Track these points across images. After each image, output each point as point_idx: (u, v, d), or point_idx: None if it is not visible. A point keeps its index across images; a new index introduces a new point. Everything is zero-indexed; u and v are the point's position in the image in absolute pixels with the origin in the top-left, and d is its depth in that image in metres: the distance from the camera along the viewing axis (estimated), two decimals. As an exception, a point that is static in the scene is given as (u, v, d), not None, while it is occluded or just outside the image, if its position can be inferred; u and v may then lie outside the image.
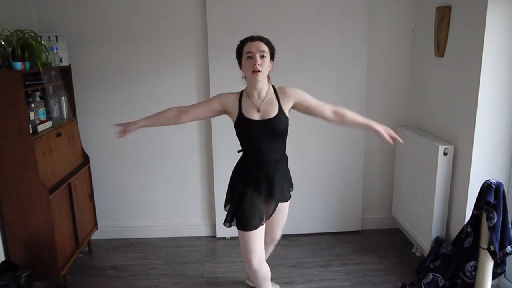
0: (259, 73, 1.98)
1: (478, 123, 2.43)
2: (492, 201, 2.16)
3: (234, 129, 2.15)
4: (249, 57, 2.00)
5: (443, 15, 2.71)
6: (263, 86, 2.07)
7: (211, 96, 3.06)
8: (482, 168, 2.49)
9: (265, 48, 2.01)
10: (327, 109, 2.13)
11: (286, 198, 2.33)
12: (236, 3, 3.01)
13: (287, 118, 2.09)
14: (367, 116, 3.23)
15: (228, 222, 2.21)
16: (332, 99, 3.17)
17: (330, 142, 3.29)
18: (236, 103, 2.09)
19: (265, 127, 2.04)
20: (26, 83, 2.42)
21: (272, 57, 2.07)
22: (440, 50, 2.79)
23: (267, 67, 2.03)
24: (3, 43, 2.42)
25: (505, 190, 2.23)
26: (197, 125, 3.27)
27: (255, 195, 2.12)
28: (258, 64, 1.97)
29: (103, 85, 3.17)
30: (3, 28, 2.51)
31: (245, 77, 2.10)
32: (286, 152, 2.25)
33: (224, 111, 2.16)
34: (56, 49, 2.76)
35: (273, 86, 2.13)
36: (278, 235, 2.50)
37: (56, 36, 2.83)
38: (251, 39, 2.03)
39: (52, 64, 2.74)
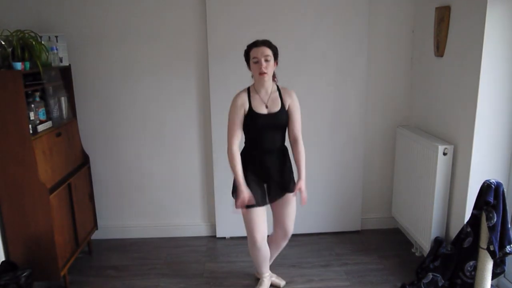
0: (266, 75, 2.27)
1: (478, 123, 2.43)
2: (492, 201, 2.16)
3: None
4: (255, 62, 2.27)
5: (443, 15, 2.72)
6: (269, 84, 2.36)
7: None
8: (482, 168, 2.50)
9: (269, 52, 2.26)
10: (294, 133, 2.42)
11: (288, 189, 2.45)
12: (236, 3, 3.01)
13: (287, 113, 2.39)
14: (366, 116, 3.28)
15: (235, 205, 2.43)
16: (332, 99, 3.22)
17: (330, 142, 3.29)
18: (247, 100, 2.35)
19: (271, 119, 2.34)
20: (26, 83, 2.42)
21: (275, 58, 2.32)
22: (439, 50, 2.79)
23: (272, 68, 2.31)
24: (3, 43, 2.43)
25: (505, 190, 2.23)
26: (197, 125, 3.27)
27: (254, 178, 2.40)
28: (264, 67, 2.25)
29: (103, 85, 3.17)
30: (3, 28, 2.52)
31: (253, 76, 2.36)
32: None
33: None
34: (56, 49, 2.76)
35: (277, 86, 2.40)
36: (289, 227, 2.56)
37: (56, 36, 2.83)
38: (255, 45, 2.28)
39: (52, 64, 2.74)
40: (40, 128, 2.54)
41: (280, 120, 2.36)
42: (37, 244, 2.54)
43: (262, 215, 2.43)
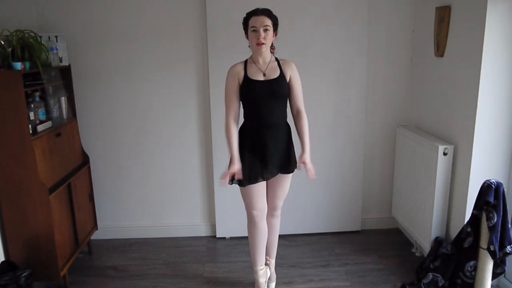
0: (263, 45, 2.23)
1: (478, 123, 2.43)
2: (492, 201, 2.16)
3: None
4: (253, 31, 2.22)
5: (443, 15, 2.72)
6: (267, 55, 2.31)
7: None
8: (482, 168, 2.50)
9: (268, 22, 2.23)
10: (297, 105, 2.38)
11: (286, 170, 2.41)
12: (236, 3, 3.01)
13: (287, 82, 2.33)
14: (367, 116, 3.27)
15: (230, 180, 2.36)
16: (332, 99, 3.22)
17: (330, 142, 3.29)
18: (243, 69, 2.32)
19: (268, 86, 2.27)
20: (26, 83, 2.41)
21: (275, 28, 2.29)
22: (439, 50, 2.79)
23: (270, 39, 2.27)
24: (3, 43, 2.43)
25: (505, 190, 2.23)
26: (197, 125, 3.27)
27: (251, 154, 2.33)
28: (262, 38, 2.21)
29: (103, 85, 3.17)
30: (3, 28, 2.51)
31: (250, 46, 2.32)
32: None
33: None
34: (56, 49, 2.76)
35: (276, 58, 2.37)
36: (278, 205, 2.54)
37: (56, 36, 2.83)
38: (255, 13, 2.25)
39: (52, 64, 2.74)
40: (40, 128, 2.54)
41: (278, 88, 2.28)
42: (37, 244, 2.53)
43: (259, 192, 2.38)
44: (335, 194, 3.38)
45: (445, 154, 2.64)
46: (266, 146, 2.31)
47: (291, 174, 2.46)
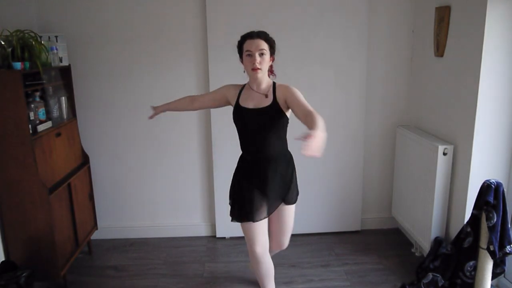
0: (259, 71, 2.06)
1: (478, 123, 2.43)
2: (492, 201, 2.16)
3: (234, 129, 2.23)
4: (248, 55, 2.07)
5: (443, 15, 2.72)
6: (263, 80, 2.13)
7: (210, 88, 3.13)
8: (482, 168, 2.50)
9: (264, 46, 2.06)
10: (305, 111, 1.94)
11: (288, 201, 2.26)
12: (235, 3, 3.01)
13: (281, 111, 2.09)
14: (366, 117, 3.27)
15: (231, 215, 2.28)
16: (332, 99, 3.22)
17: (329, 142, 3.24)
18: (236, 94, 2.19)
19: (258, 116, 2.10)
20: (26, 83, 2.42)
21: (272, 52, 2.13)
22: (439, 50, 2.79)
23: (267, 64, 2.10)
24: (3, 43, 2.43)
25: (505, 190, 2.23)
26: (197, 125, 3.27)
27: (250, 188, 2.18)
28: (258, 63, 2.04)
29: (103, 85, 3.17)
30: (3, 28, 2.51)
31: (245, 71, 2.17)
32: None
33: (227, 102, 2.27)
34: (56, 49, 2.76)
35: (274, 83, 2.17)
36: (284, 243, 2.43)
37: (56, 36, 2.83)
38: (251, 36, 2.08)
39: (52, 64, 2.74)
40: (40, 128, 2.54)
41: (267, 118, 2.08)
42: (37, 244, 2.54)
43: (261, 226, 2.21)
44: (335, 194, 3.38)
45: (445, 154, 2.64)
46: (265, 177, 2.16)
47: (293, 205, 2.32)
